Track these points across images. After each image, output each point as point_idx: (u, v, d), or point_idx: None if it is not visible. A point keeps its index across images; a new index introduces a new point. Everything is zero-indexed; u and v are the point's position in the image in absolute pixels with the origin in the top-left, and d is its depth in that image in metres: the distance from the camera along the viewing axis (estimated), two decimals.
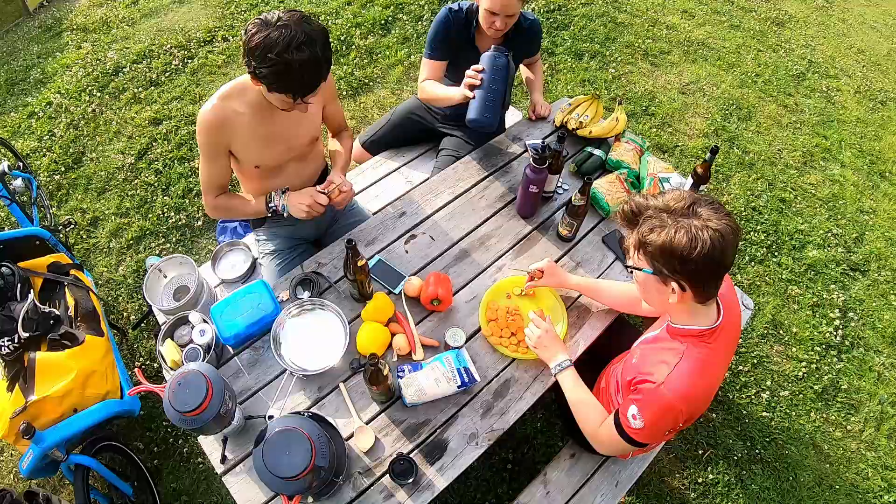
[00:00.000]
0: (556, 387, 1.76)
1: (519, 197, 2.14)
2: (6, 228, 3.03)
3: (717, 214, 1.22)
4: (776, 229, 3.44)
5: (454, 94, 2.12)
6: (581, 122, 2.38)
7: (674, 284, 1.29)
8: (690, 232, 1.20)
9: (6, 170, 2.27)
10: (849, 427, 2.72)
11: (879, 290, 3.28)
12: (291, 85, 1.61)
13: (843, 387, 2.84)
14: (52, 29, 4.50)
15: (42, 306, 2.06)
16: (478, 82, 2.00)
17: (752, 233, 3.40)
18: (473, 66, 2.02)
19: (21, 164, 3.05)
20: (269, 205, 1.97)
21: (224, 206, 2.01)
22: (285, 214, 1.97)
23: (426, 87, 2.34)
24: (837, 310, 3.13)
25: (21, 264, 2.15)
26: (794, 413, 2.73)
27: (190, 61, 4.07)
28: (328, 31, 1.63)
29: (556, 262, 2.04)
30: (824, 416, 2.74)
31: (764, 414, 2.70)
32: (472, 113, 2.03)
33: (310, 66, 1.57)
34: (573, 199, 1.92)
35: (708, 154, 1.99)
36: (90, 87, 3.89)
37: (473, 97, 2.01)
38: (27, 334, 1.94)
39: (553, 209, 2.21)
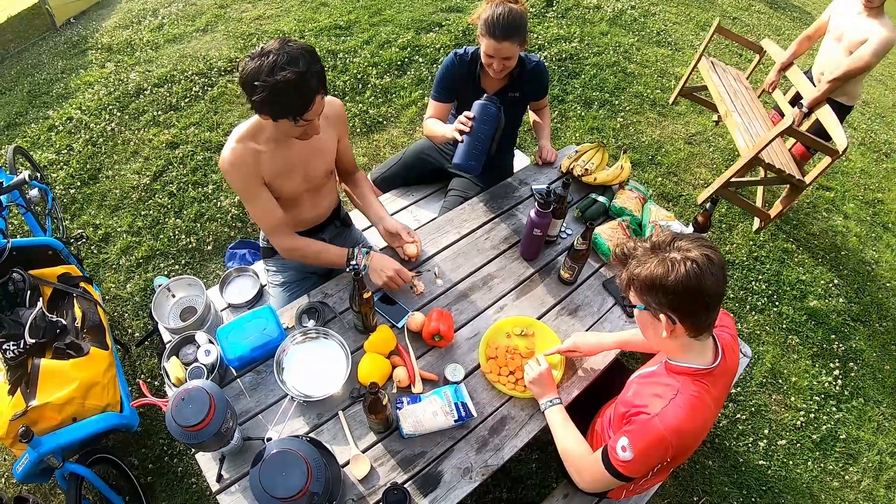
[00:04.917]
0: None
1: (523, 239, 2.19)
2: (18, 236, 3.08)
3: (694, 245, 1.26)
4: (778, 279, 3.46)
5: (447, 130, 2.22)
6: (586, 169, 2.43)
7: (663, 318, 1.32)
8: (666, 263, 1.25)
9: (27, 179, 2.33)
10: (847, 477, 2.71)
11: (880, 340, 3.30)
12: (284, 106, 1.65)
13: (841, 437, 2.83)
14: (77, 46, 4.62)
15: (50, 315, 2.08)
16: (467, 129, 2.10)
17: (753, 282, 3.42)
18: (465, 113, 2.12)
19: (38, 174, 3.11)
20: (351, 261, 1.99)
21: (301, 252, 2.03)
22: (363, 274, 1.95)
23: (427, 125, 2.47)
24: (837, 360, 3.14)
25: (32, 272, 2.18)
26: (791, 462, 2.72)
27: (210, 89, 4.16)
28: (314, 50, 1.67)
29: (556, 305, 2.08)
30: (822, 465, 2.73)
31: (761, 462, 2.69)
32: (457, 157, 2.14)
33: (296, 83, 1.59)
34: (575, 243, 1.96)
35: (708, 203, 2.04)
36: (111, 106, 3.98)
37: (462, 142, 2.11)
38: (33, 340, 1.96)
39: (555, 253, 2.24)
